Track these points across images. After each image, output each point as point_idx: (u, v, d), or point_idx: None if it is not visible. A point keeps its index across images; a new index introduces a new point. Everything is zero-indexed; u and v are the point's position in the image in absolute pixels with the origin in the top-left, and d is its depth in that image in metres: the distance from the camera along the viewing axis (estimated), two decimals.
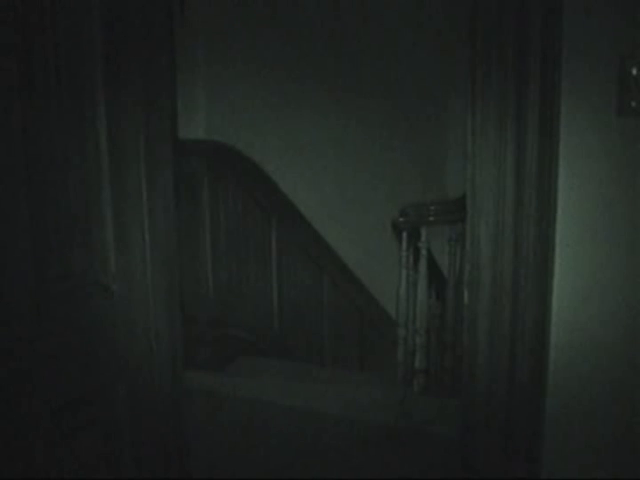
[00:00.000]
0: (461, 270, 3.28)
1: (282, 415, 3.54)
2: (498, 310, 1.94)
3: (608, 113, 1.78)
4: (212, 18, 4.24)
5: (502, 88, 1.83)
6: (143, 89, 1.76)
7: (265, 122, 4.33)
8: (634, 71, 1.74)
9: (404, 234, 3.46)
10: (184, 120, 4.29)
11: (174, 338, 1.93)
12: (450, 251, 3.54)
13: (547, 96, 1.80)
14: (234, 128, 4.34)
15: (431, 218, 3.48)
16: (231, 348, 4.29)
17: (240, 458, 3.16)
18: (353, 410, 3.54)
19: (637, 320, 1.86)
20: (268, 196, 4.35)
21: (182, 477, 2.00)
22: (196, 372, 3.68)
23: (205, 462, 2.75)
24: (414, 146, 4.15)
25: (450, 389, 3.45)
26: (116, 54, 1.70)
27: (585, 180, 1.84)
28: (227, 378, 3.96)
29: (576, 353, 1.91)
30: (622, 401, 1.91)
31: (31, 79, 1.52)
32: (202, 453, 2.33)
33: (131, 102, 1.75)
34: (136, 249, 1.81)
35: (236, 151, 4.36)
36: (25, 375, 1.55)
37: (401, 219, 3.47)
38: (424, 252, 3.47)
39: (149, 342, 1.86)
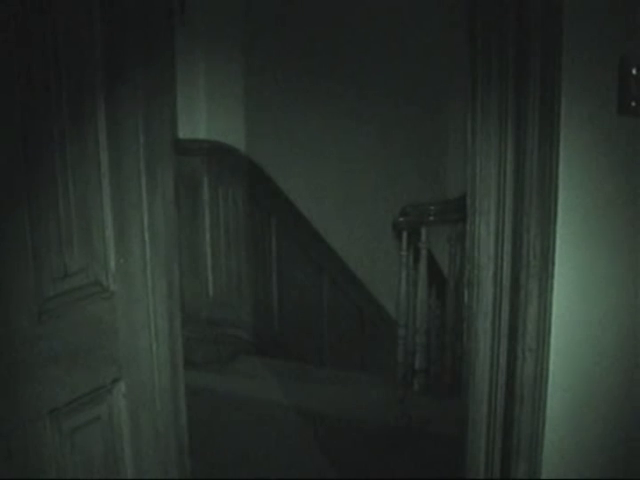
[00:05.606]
0: (461, 270, 3.28)
1: (282, 415, 3.54)
2: (498, 310, 1.94)
3: (608, 113, 1.77)
4: (212, 18, 4.24)
5: (502, 88, 1.83)
6: (143, 88, 1.76)
7: (265, 122, 4.33)
8: (634, 71, 1.74)
9: (404, 234, 3.46)
10: (184, 120, 4.29)
11: (174, 338, 1.93)
12: (450, 251, 3.53)
13: (547, 96, 1.79)
14: (234, 128, 4.34)
15: (431, 218, 3.48)
16: (231, 348, 4.29)
17: (240, 458, 3.16)
18: (353, 410, 3.53)
19: (637, 319, 1.86)
20: (268, 196, 4.35)
21: (182, 477, 2.00)
22: (196, 372, 3.67)
23: (205, 462, 2.75)
24: (415, 146, 4.15)
25: (450, 389, 3.45)
26: (116, 53, 1.70)
27: (585, 180, 1.83)
28: (227, 378, 3.96)
29: (576, 353, 1.90)
30: (622, 401, 1.91)
31: (31, 78, 1.52)
32: (202, 453, 2.33)
33: (131, 101, 1.75)
34: (136, 249, 1.81)
35: (236, 151, 4.36)
36: (25, 375, 1.55)
37: (401, 219, 3.47)
38: (424, 252, 3.47)
39: (149, 342, 1.86)
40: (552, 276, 1.87)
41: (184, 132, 4.30)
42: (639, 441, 1.91)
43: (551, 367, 1.91)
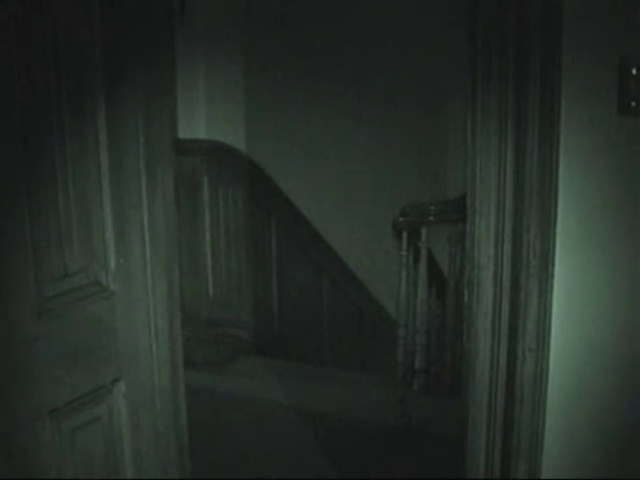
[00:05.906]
0: (461, 270, 3.28)
1: (282, 415, 3.54)
2: (498, 310, 1.94)
3: (608, 113, 1.77)
4: (212, 18, 4.24)
5: (502, 88, 1.83)
6: (143, 88, 1.76)
7: (265, 122, 4.33)
8: (634, 71, 1.74)
9: (404, 234, 3.46)
10: (184, 120, 4.29)
11: (174, 338, 1.93)
12: (450, 251, 3.53)
13: (547, 96, 1.79)
14: (234, 128, 4.34)
15: (431, 218, 3.48)
16: (231, 348, 4.29)
17: (240, 458, 3.16)
18: (353, 410, 3.53)
19: (632, 319, 1.86)
20: (268, 196, 4.35)
21: (182, 477, 2.00)
22: (196, 372, 3.67)
23: (205, 462, 2.75)
24: (415, 146, 4.15)
25: (450, 389, 3.45)
26: (116, 53, 1.70)
27: (585, 180, 1.83)
28: (227, 378, 3.96)
29: (576, 353, 1.91)
30: (622, 400, 1.91)
31: (31, 78, 1.52)
32: (202, 453, 2.33)
33: (131, 101, 1.75)
34: (136, 249, 1.81)
35: (236, 151, 4.36)
36: (25, 375, 1.55)
37: (401, 219, 3.47)
38: (424, 252, 3.47)
39: (149, 342, 1.86)
40: (552, 276, 1.87)
41: (184, 132, 4.30)
42: (633, 441, 1.91)
43: (551, 367, 1.91)
